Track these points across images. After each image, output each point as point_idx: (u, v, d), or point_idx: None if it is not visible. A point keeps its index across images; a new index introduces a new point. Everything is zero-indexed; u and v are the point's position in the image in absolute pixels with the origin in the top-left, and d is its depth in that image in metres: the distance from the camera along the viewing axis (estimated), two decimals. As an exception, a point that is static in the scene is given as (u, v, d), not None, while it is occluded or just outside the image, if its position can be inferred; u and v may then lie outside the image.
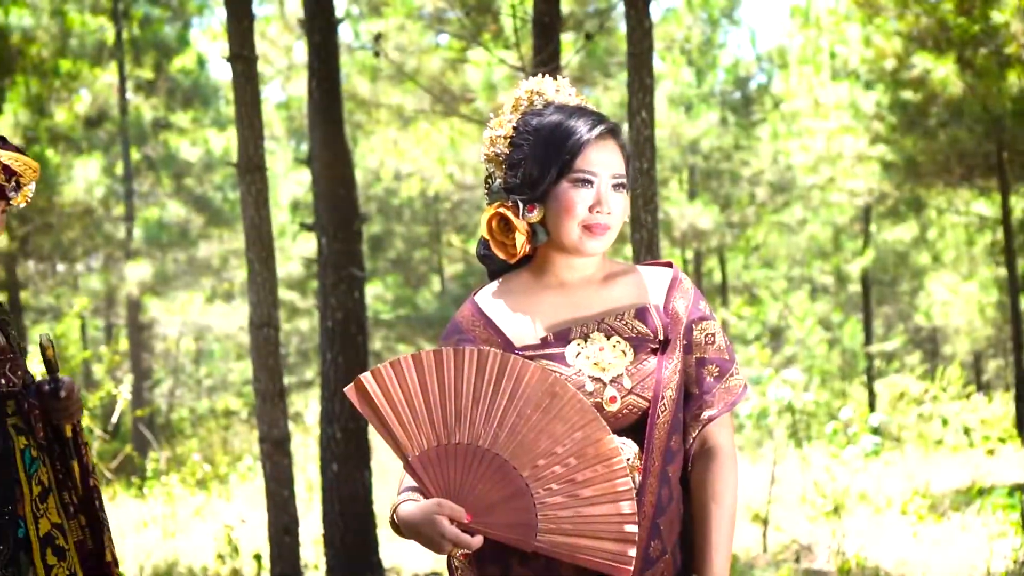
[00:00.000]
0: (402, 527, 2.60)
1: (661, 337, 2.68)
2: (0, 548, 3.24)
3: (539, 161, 2.66)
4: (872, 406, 19.72)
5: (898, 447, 14.75)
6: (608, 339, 2.66)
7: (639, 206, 5.17)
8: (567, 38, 13.15)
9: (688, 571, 2.68)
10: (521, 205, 2.69)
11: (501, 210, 2.70)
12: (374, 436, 8.82)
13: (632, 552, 2.52)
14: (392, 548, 9.09)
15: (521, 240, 2.69)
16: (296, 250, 22.27)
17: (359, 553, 8.23)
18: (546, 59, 6.47)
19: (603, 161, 2.66)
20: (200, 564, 9.00)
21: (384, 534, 8.55)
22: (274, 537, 7.02)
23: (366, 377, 2.56)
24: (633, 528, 2.52)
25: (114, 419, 11.41)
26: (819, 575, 8.00)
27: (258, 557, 8.43)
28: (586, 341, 2.65)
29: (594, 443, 2.54)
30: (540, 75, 2.81)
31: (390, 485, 10.26)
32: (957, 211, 20.01)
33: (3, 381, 3.29)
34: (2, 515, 3.24)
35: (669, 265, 2.79)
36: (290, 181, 23.16)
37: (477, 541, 2.52)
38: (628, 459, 2.60)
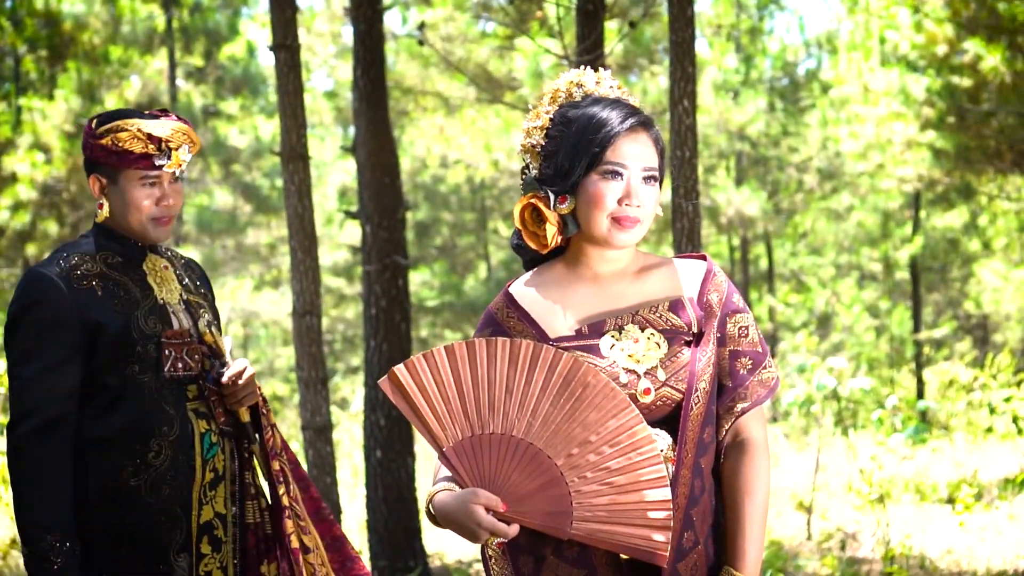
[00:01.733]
0: (438, 517, 2.63)
1: (695, 329, 2.69)
2: (174, 534, 3.27)
3: (570, 152, 2.67)
4: (921, 394, 19.57)
5: (947, 435, 14.64)
6: (642, 331, 2.67)
7: (680, 195, 5.15)
8: (611, 26, 13.13)
9: (721, 562, 2.68)
10: (552, 196, 2.70)
11: (533, 201, 2.72)
12: (419, 423, 8.83)
13: (667, 539, 2.53)
14: (435, 535, 9.12)
15: (552, 231, 2.70)
16: (343, 237, 22.36)
17: (402, 539, 8.27)
18: (590, 47, 6.46)
19: (634, 153, 2.66)
20: (246, 549, 9.06)
21: (427, 521, 8.58)
22: (317, 523, 7.06)
23: (399, 369, 2.58)
24: (668, 515, 2.54)
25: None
26: (864, 563, 7.97)
27: (303, 542, 8.49)
28: (620, 333, 2.66)
29: (628, 431, 2.55)
30: (582, 67, 2.81)
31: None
32: (1008, 197, 19.79)
33: (180, 365, 3.33)
34: (177, 501, 3.27)
35: (703, 258, 2.80)
36: (337, 169, 23.24)
37: (513, 530, 2.55)
38: (662, 450, 2.61)
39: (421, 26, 8.40)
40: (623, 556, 2.61)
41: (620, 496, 2.53)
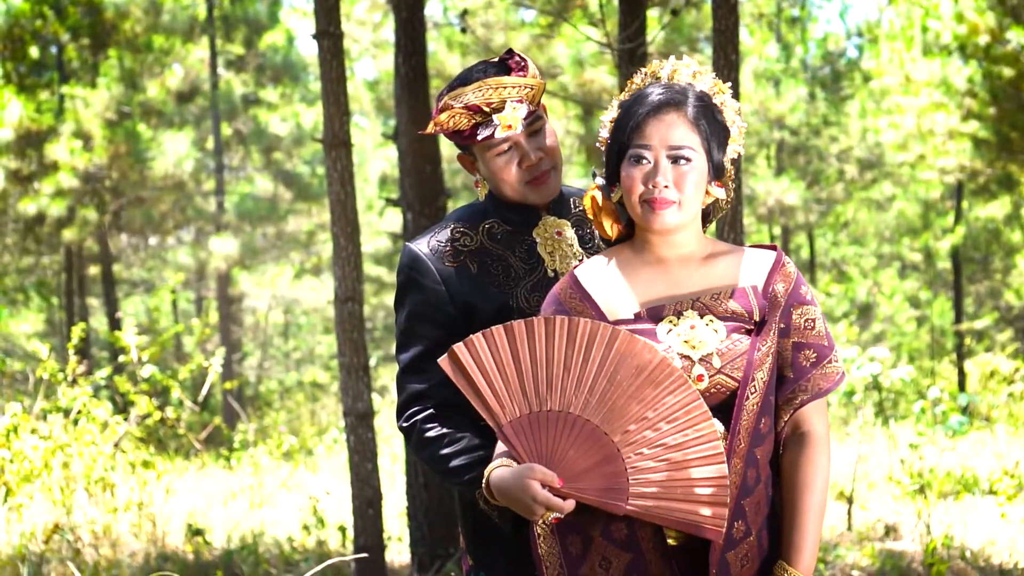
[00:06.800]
0: (495, 491, 2.64)
1: (757, 318, 2.67)
2: None
3: (612, 141, 2.73)
4: (962, 385, 19.46)
5: (988, 427, 14.55)
6: (701, 317, 2.66)
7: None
8: (653, 13, 13.09)
9: (775, 556, 2.67)
10: (605, 186, 2.75)
11: (593, 192, 2.77)
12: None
13: (723, 513, 2.53)
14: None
15: (608, 221, 2.75)
16: (383, 225, 22.40)
17: (441, 526, 8.28)
18: (632, 35, 6.44)
19: (657, 134, 2.65)
20: (286, 535, 9.12)
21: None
22: (358, 509, 7.08)
23: (459, 348, 2.61)
24: (724, 491, 2.53)
25: (204, 391, 11.58)
26: (904, 555, 7.94)
27: (343, 529, 8.53)
28: (678, 319, 2.66)
29: (685, 407, 2.56)
30: (669, 58, 2.80)
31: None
32: (1051, 188, 19.65)
33: None
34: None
35: (774, 248, 2.79)
36: (379, 157, 23.28)
37: (569, 505, 2.55)
38: (714, 436, 2.60)
39: (463, 13, 8.40)
40: (670, 541, 2.62)
41: (677, 472, 2.54)
